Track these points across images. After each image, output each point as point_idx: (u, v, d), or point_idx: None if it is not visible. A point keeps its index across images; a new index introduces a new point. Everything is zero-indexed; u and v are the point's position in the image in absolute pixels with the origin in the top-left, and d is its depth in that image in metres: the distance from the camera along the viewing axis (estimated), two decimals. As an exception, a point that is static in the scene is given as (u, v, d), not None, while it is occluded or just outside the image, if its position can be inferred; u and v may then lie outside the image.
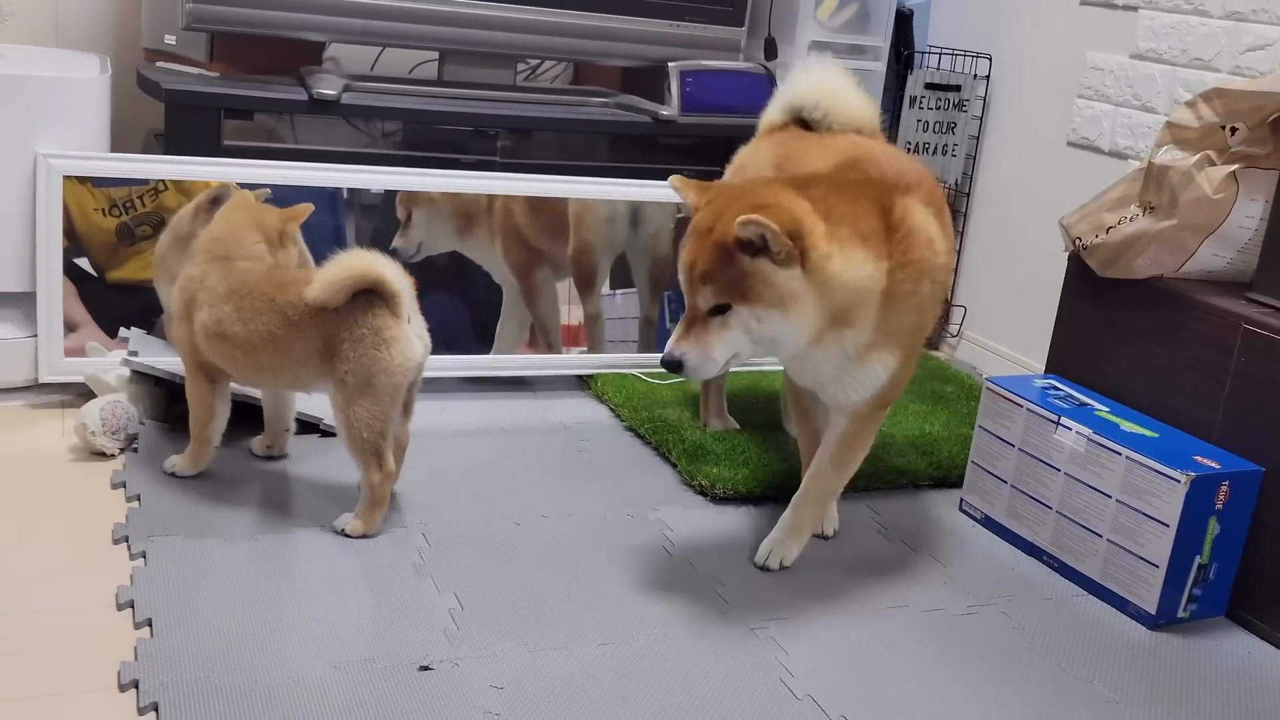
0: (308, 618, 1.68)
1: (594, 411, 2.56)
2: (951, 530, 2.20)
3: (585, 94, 3.04)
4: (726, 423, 2.46)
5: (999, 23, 3.13)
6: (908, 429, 2.51)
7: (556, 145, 3.03)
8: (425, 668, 1.59)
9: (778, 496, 2.13)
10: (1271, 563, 1.92)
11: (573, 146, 3.04)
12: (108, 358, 2.30)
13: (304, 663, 1.57)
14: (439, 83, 2.84)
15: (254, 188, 2.16)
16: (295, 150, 2.69)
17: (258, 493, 2.03)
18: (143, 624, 1.63)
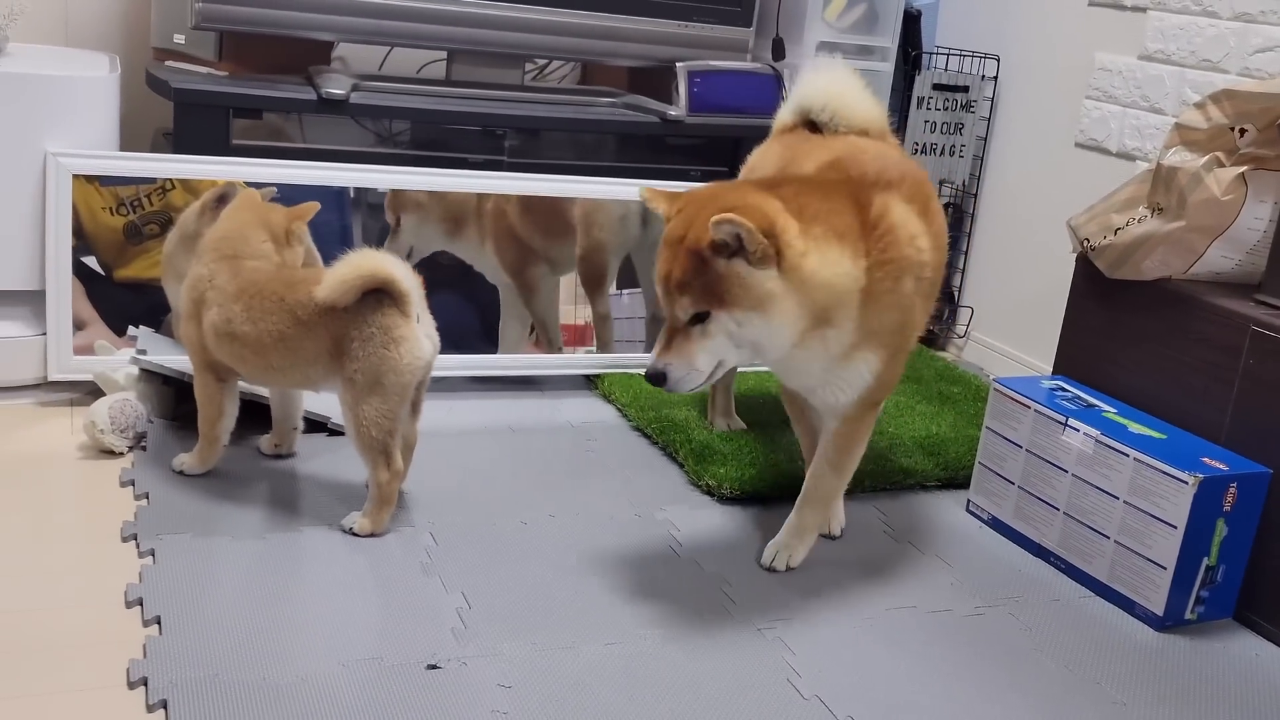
0: (316, 616, 1.68)
1: (601, 411, 2.56)
2: (958, 531, 2.20)
3: (593, 94, 3.04)
4: (733, 423, 2.46)
5: (1007, 24, 3.13)
6: (915, 430, 2.51)
7: (564, 145, 3.03)
8: (433, 666, 1.60)
9: (784, 497, 2.13)
10: (1279, 564, 1.92)
11: (580, 146, 3.05)
12: (116, 356, 2.30)
13: (312, 661, 1.58)
14: (447, 82, 2.84)
15: (261, 186, 2.16)
16: (303, 149, 2.69)
17: (266, 491, 2.04)
18: (151, 622, 1.63)
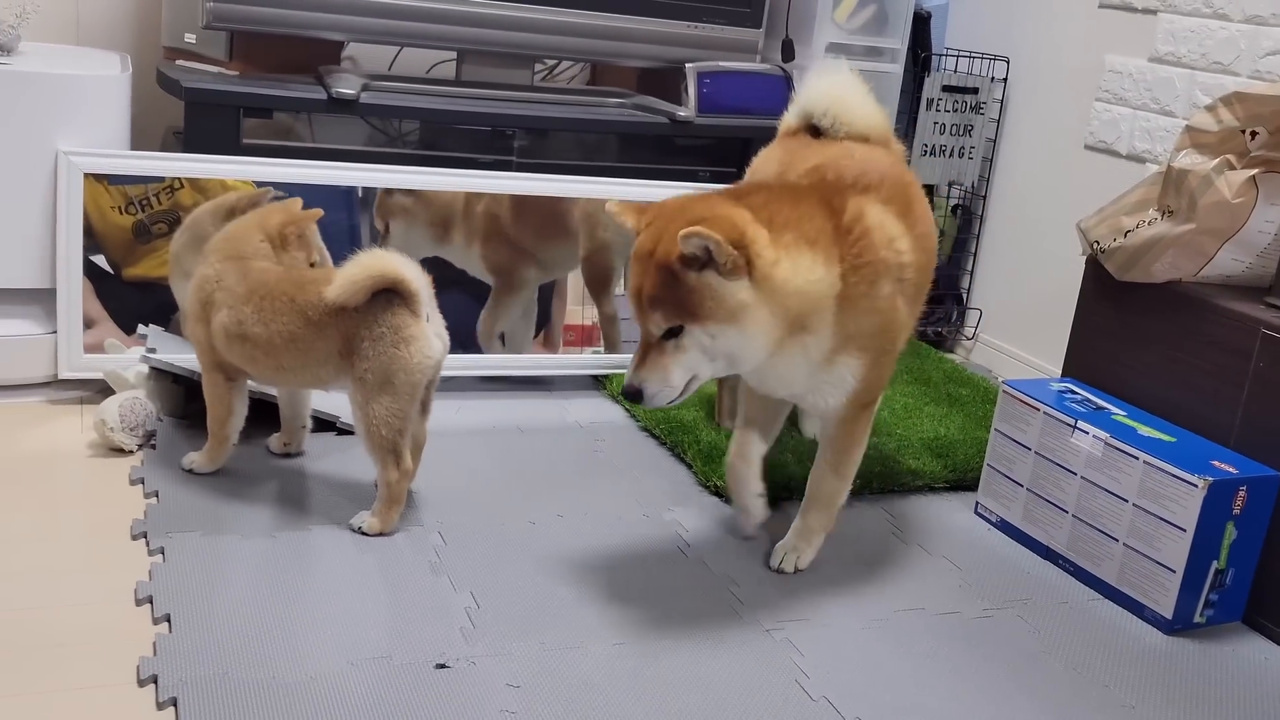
0: (325, 615, 1.69)
1: (609, 411, 2.56)
2: (967, 533, 2.20)
3: (602, 94, 3.04)
4: (741, 424, 2.46)
5: (1017, 25, 3.12)
6: (923, 431, 2.51)
7: (573, 145, 3.04)
8: (442, 665, 1.60)
9: (792, 497, 2.13)
10: (1289, 568, 1.92)
11: (589, 147, 3.05)
12: (126, 354, 2.31)
13: (321, 659, 1.58)
14: (457, 82, 2.85)
15: (285, 188, 2.17)
16: (313, 149, 2.70)
17: (275, 490, 2.04)
18: (161, 619, 1.64)
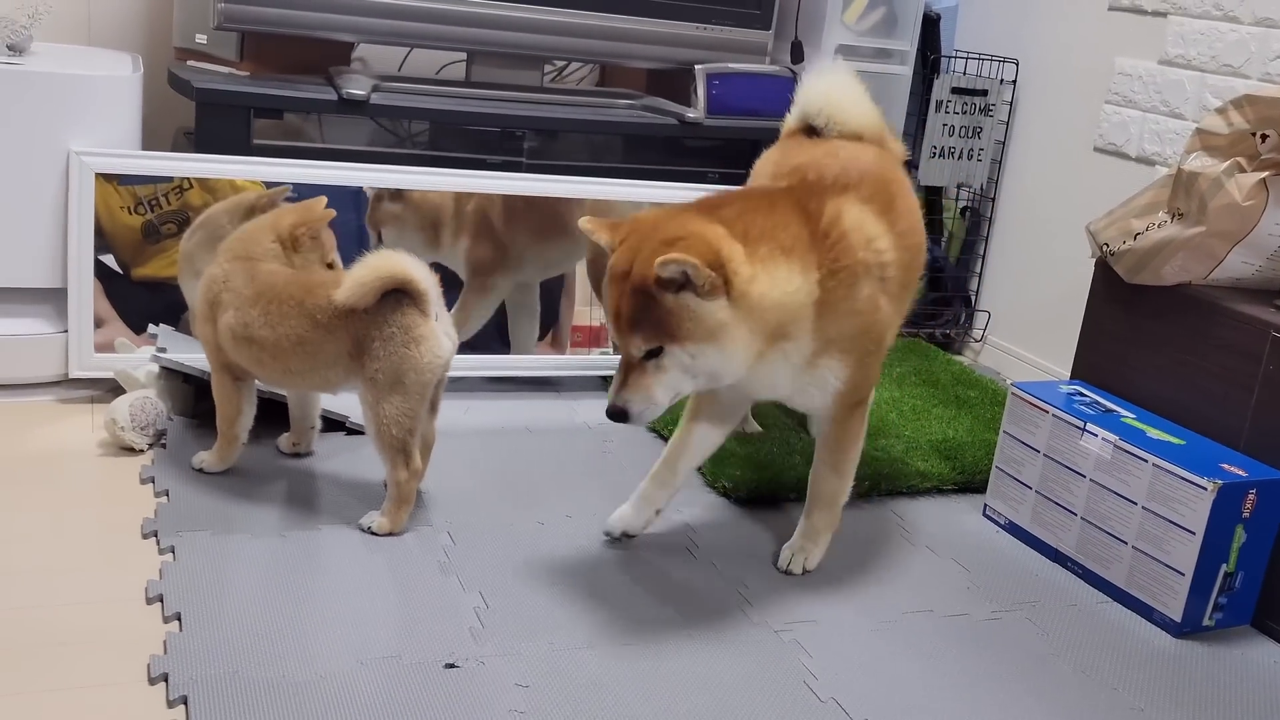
0: (334, 614, 1.69)
1: (617, 412, 2.56)
2: (975, 536, 2.20)
3: (611, 96, 3.04)
4: (749, 426, 2.46)
5: (1026, 27, 3.12)
6: (931, 434, 2.51)
7: (582, 146, 3.04)
8: (451, 665, 1.60)
9: (800, 499, 2.12)
10: (1298, 572, 1.91)
11: (598, 148, 3.05)
12: (137, 354, 2.32)
13: (331, 659, 1.58)
14: (466, 83, 2.85)
15: (295, 189, 2.17)
16: (322, 149, 2.70)
17: (284, 490, 2.05)
18: (172, 618, 1.64)
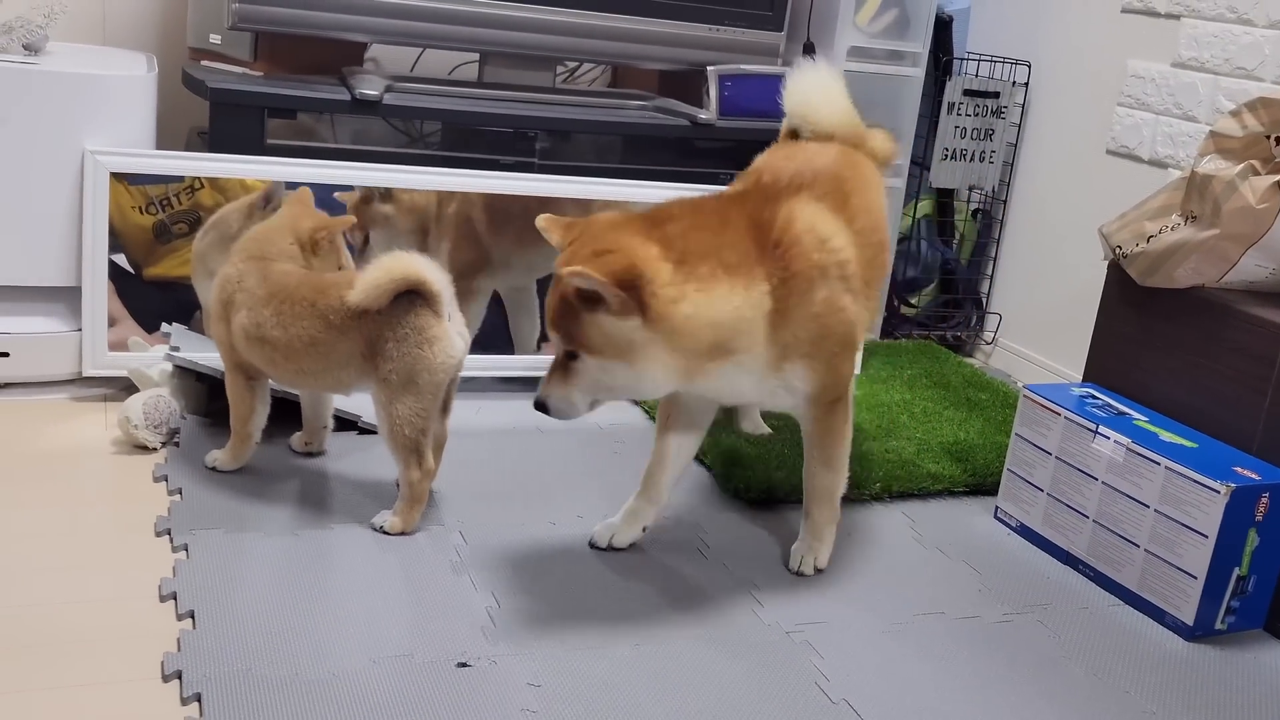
0: (347, 613, 1.70)
1: (628, 414, 2.57)
2: (986, 538, 2.20)
3: (624, 97, 3.05)
4: (759, 427, 2.46)
5: (1038, 29, 3.12)
6: (942, 435, 2.51)
7: (594, 147, 3.04)
8: (463, 664, 1.61)
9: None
10: (1311, 576, 1.91)
11: (610, 149, 3.05)
12: (150, 352, 2.33)
13: (343, 657, 1.59)
14: (479, 84, 2.85)
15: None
16: (335, 149, 2.71)
17: (297, 489, 2.05)
18: (185, 616, 1.65)
